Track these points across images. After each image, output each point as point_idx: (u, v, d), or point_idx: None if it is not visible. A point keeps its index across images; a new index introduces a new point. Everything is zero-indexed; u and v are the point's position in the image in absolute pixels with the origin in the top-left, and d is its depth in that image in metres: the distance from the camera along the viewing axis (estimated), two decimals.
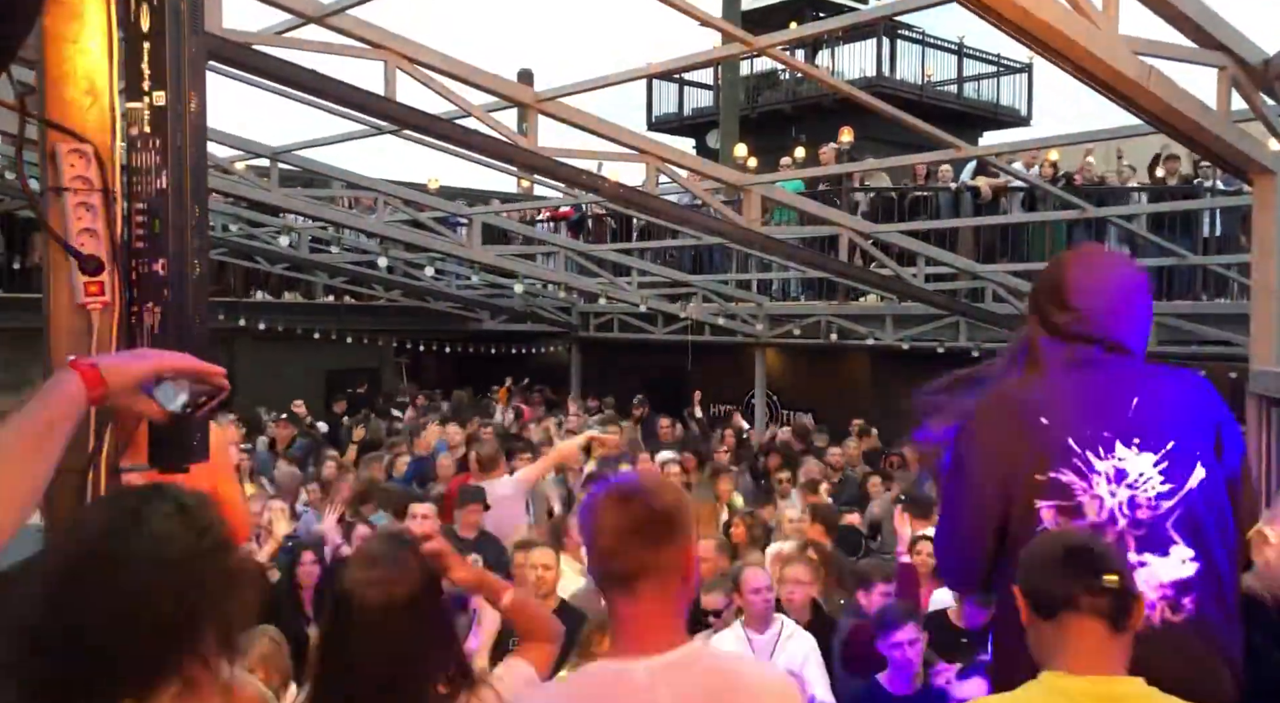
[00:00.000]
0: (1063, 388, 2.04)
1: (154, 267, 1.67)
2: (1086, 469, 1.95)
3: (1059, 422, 1.98)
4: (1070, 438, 1.97)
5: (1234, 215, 10.09)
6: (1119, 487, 1.95)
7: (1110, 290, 2.10)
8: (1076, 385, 2.04)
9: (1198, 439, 2.00)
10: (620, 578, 1.62)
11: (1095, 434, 1.97)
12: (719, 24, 5.87)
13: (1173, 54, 4.16)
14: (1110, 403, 2.01)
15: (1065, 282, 2.10)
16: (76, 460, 1.62)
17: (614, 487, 1.67)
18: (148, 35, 1.66)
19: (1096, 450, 1.96)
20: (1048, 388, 2.06)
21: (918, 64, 18.08)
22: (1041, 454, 1.97)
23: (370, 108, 5.65)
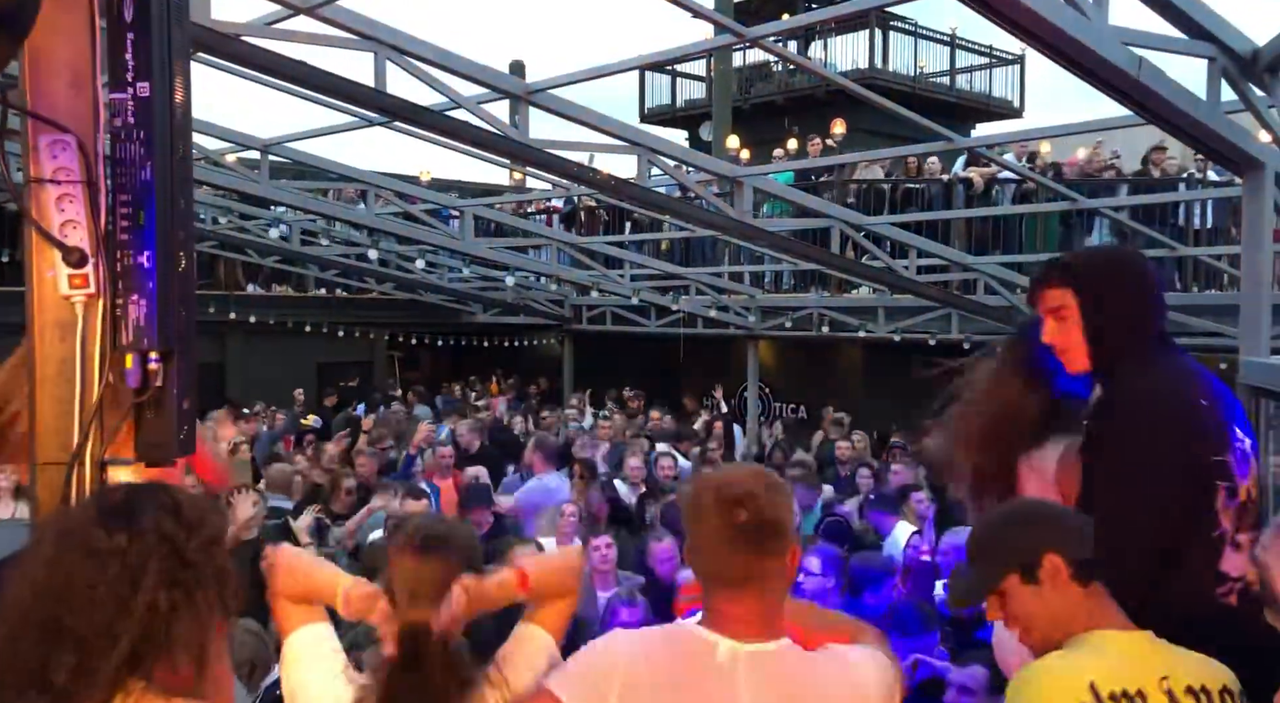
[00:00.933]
0: (1188, 372, 2.05)
1: (139, 259, 1.66)
2: (1234, 452, 1.98)
3: (1212, 403, 1.99)
4: (1222, 418, 1.99)
5: (1224, 206, 10.13)
6: (1245, 467, 1.98)
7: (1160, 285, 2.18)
8: (1193, 370, 2.06)
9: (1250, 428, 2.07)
10: (726, 582, 1.64)
11: (1226, 418, 1.99)
12: (711, 15, 5.85)
13: (1162, 45, 4.16)
14: (1212, 388, 2.03)
15: (1148, 274, 2.15)
16: (62, 454, 1.61)
17: (722, 488, 1.64)
18: (131, 25, 1.65)
19: (1234, 432, 1.99)
20: (1182, 371, 2.05)
21: (910, 56, 18.07)
22: (1211, 435, 1.96)
23: (360, 99, 5.62)
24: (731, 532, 1.60)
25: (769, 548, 1.61)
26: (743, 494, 1.61)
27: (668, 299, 13.01)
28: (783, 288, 13.37)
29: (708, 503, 1.63)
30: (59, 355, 1.63)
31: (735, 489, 1.63)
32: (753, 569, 1.61)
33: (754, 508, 1.59)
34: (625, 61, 6.43)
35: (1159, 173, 10.92)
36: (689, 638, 1.65)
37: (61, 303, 1.64)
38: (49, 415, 1.63)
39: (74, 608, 1.20)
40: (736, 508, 1.60)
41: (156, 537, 1.24)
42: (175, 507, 1.29)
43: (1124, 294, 2.12)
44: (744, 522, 1.59)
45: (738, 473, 1.78)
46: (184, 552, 1.26)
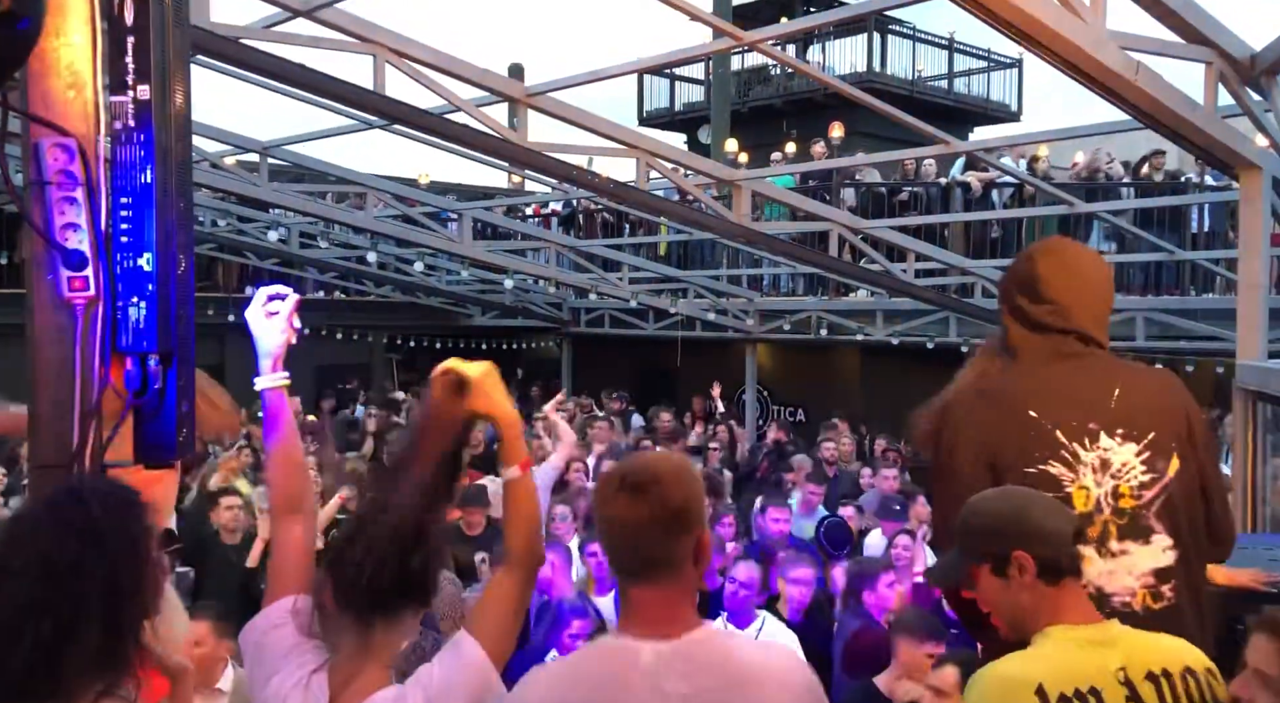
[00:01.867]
0: (1047, 379, 2.06)
1: (138, 261, 1.67)
2: (1074, 460, 1.98)
3: (1047, 413, 2.00)
4: (1059, 430, 1.99)
5: (1221, 210, 10.15)
6: (1104, 477, 1.98)
7: (1084, 283, 2.13)
8: (1060, 376, 2.06)
9: (1173, 430, 2.04)
10: (632, 570, 1.63)
11: (1082, 425, 2.00)
12: (709, 19, 5.86)
13: (1160, 49, 4.17)
14: (1094, 394, 2.03)
15: (1039, 275, 2.12)
16: (60, 456, 1.61)
17: (625, 477, 1.64)
18: (132, 28, 1.65)
19: (1083, 441, 1.99)
20: (1032, 378, 2.08)
21: (908, 59, 18.10)
22: (1030, 446, 1.99)
23: (359, 102, 5.63)
24: (633, 519, 1.60)
25: (672, 532, 1.60)
26: (644, 480, 1.62)
27: (666, 302, 13.01)
28: (781, 291, 13.38)
29: (611, 493, 1.65)
30: (58, 358, 1.64)
31: (637, 476, 1.63)
32: (657, 555, 1.60)
33: (656, 493, 1.60)
34: (624, 65, 6.44)
35: (1158, 177, 10.94)
36: (609, 656, 1.64)
37: (61, 305, 1.64)
38: (47, 418, 1.63)
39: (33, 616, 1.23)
40: (638, 494, 1.60)
41: (54, 557, 1.26)
42: (87, 521, 1.30)
43: (1001, 288, 2.22)
44: (648, 507, 1.59)
45: (645, 458, 1.86)
46: (86, 570, 1.27)
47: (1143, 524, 1.98)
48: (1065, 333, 2.09)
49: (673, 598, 1.63)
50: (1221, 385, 8.37)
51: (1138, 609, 1.93)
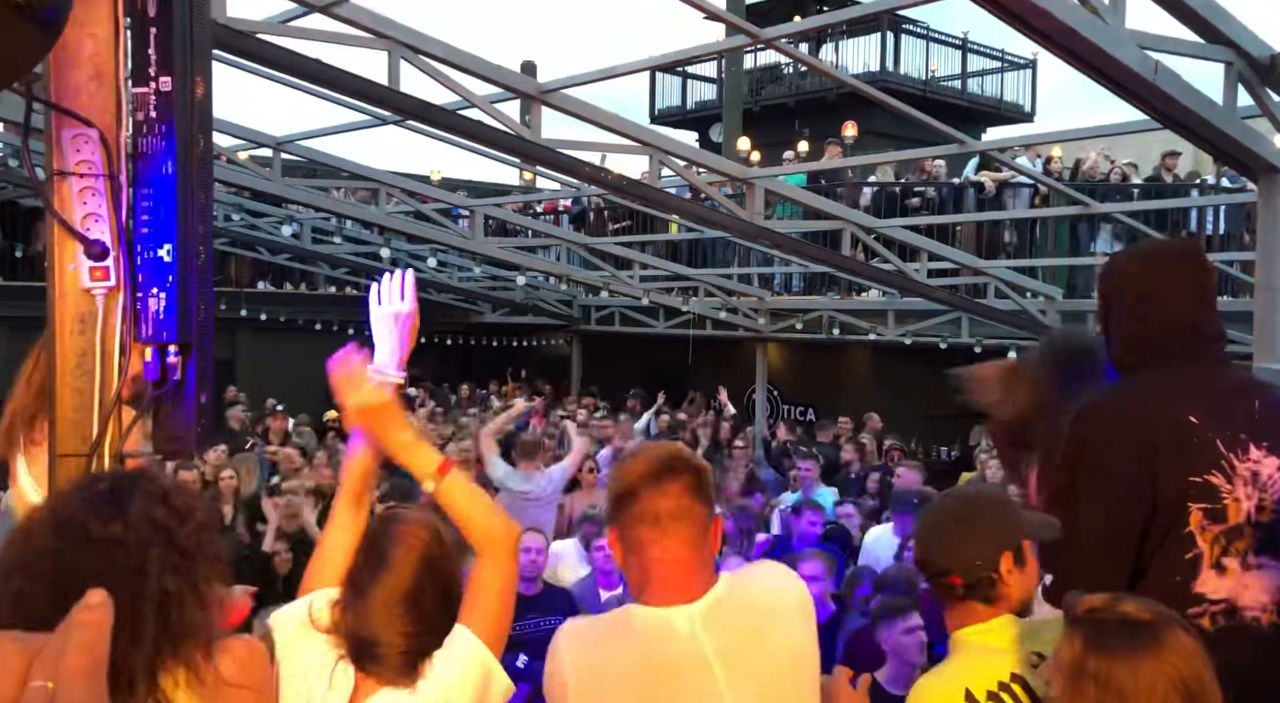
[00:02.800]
0: (1199, 385, 1.99)
1: (159, 252, 1.67)
2: (1230, 471, 1.92)
3: (1207, 420, 1.92)
4: (1218, 438, 1.92)
5: (1237, 213, 10.09)
6: (1254, 490, 1.92)
7: (1203, 286, 2.08)
8: (1210, 384, 2.00)
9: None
10: (650, 517, 1.65)
11: (1235, 435, 1.93)
12: (723, 16, 5.85)
13: (1179, 49, 4.14)
14: (1241, 403, 1.97)
15: (1192, 274, 2.06)
16: (81, 446, 1.62)
17: (642, 444, 1.79)
18: (154, 20, 1.66)
19: (1237, 452, 1.92)
20: (1186, 384, 1.99)
21: (922, 59, 18.05)
22: (1193, 454, 1.91)
23: (374, 97, 5.63)
24: (650, 466, 1.68)
25: (687, 484, 1.67)
26: (660, 445, 1.77)
27: (677, 301, 13.00)
28: (793, 290, 13.36)
29: (629, 452, 1.81)
30: (79, 348, 1.64)
31: (653, 443, 1.79)
32: (672, 505, 1.65)
33: (671, 450, 1.73)
34: (637, 62, 6.43)
35: (1170, 178, 10.89)
36: (645, 625, 1.66)
37: (82, 295, 1.65)
38: (68, 408, 1.64)
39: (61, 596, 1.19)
40: (654, 450, 1.73)
41: (150, 526, 1.23)
42: (163, 494, 1.28)
43: (1123, 302, 2.10)
44: (663, 456, 1.69)
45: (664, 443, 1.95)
46: (178, 540, 1.25)
47: (1278, 540, 1.93)
48: (1206, 336, 2.03)
49: (689, 557, 1.67)
50: None
51: (1265, 624, 1.89)
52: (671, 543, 1.64)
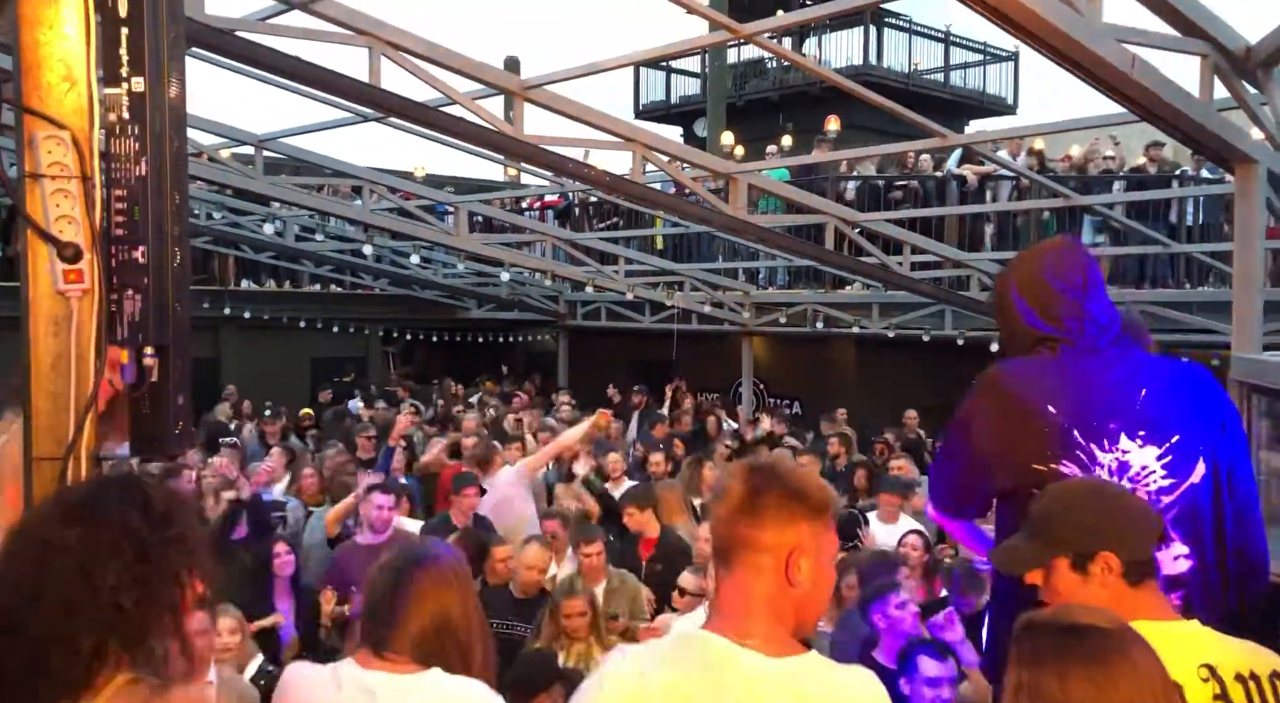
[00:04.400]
0: (1073, 375, 2.01)
1: (134, 254, 1.67)
2: (1089, 462, 1.94)
3: (1067, 412, 1.95)
4: (1077, 430, 1.94)
5: (1216, 203, 10.16)
6: (1120, 480, 1.93)
7: (1100, 275, 2.11)
8: (1086, 373, 2.01)
9: (1202, 435, 1.97)
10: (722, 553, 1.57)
11: (1101, 426, 1.94)
12: (706, 11, 5.85)
13: (1156, 42, 4.17)
14: (1119, 394, 1.97)
15: (1069, 263, 2.09)
16: (56, 449, 1.61)
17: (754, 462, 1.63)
18: (126, 20, 1.65)
19: (1101, 443, 1.94)
20: (1058, 373, 2.02)
21: (904, 52, 18.08)
22: (1046, 445, 1.95)
23: (355, 95, 5.61)
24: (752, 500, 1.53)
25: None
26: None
27: (662, 295, 13.01)
28: (777, 284, 13.38)
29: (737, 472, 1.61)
30: (53, 350, 1.63)
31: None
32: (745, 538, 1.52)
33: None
34: (620, 57, 6.42)
35: (1154, 168, 10.95)
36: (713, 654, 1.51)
37: (56, 298, 1.64)
38: (43, 410, 1.63)
39: (27, 606, 1.18)
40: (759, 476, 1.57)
41: (118, 532, 1.23)
42: (144, 501, 1.28)
43: (1004, 298, 2.18)
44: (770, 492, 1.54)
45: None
46: (147, 547, 1.24)
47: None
48: (1093, 323, 2.05)
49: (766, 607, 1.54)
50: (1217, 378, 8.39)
51: None
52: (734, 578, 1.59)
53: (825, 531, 1.55)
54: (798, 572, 1.50)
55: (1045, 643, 1.42)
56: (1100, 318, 2.05)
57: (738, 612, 1.52)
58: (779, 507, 1.52)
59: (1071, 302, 2.05)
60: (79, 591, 1.19)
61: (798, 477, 1.58)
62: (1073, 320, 2.05)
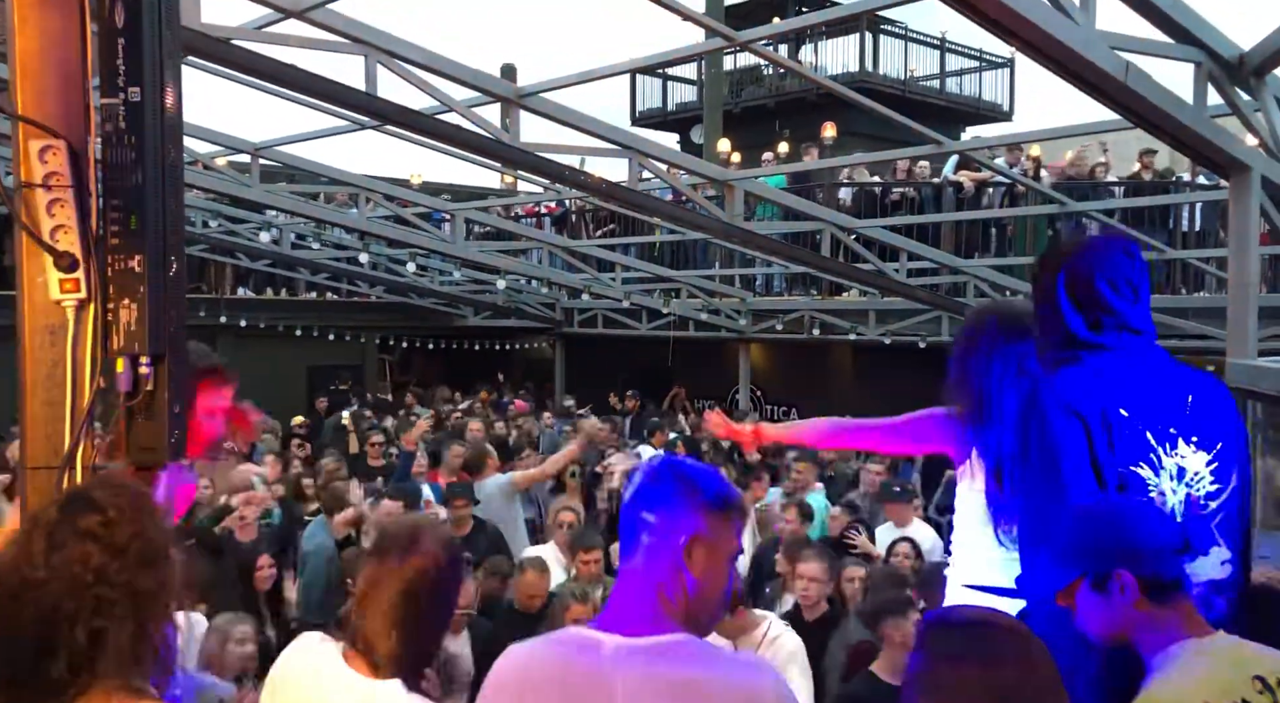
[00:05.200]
0: (1130, 377, 2.01)
1: (130, 263, 1.67)
2: (1158, 465, 1.95)
3: (1137, 413, 1.96)
4: (1148, 431, 1.95)
5: (1212, 210, 10.19)
6: (1179, 484, 1.95)
7: (1133, 279, 2.08)
8: (1142, 376, 2.02)
9: (1236, 444, 2.00)
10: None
11: (1164, 429, 1.96)
12: (702, 19, 5.86)
13: (1150, 50, 4.18)
14: (1172, 397, 1.99)
15: (1092, 270, 2.06)
16: (53, 458, 1.61)
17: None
18: (122, 30, 1.65)
19: (1165, 446, 1.96)
20: (1117, 375, 2.01)
21: (900, 59, 18.14)
22: (1123, 446, 1.95)
23: (351, 103, 5.62)
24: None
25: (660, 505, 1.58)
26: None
27: (659, 302, 13.02)
28: (774, 291, 13.40)
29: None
30: (50, 360, 1.64)
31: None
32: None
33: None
34: (616, 65, 6.44)
35: (1149, 175, 10.98)
36: (569, 643, 1.60)
37: (52, 307, 1.64)
38: (40, 420, 1.63)
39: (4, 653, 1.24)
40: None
41: (77, 568, 1.26)
42: (105, 528, 1.30)
43: (1037, 296, 2.16)
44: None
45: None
46: (111, 577, 1.28)
47: (1205, 535, 1.96)
48: (1136, 331, 2.04)
49: (646, 592, 1.59)
50: None
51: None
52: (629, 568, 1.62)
53: (724, 525, 1.60)
54: (689, 558, 1.55)
55: (945, 636, 1.48)
56: (1140, 324, 2.06)
57: (632, 597, 1.58)
58: (677, 492, 1.59)
59: (1119, 312, 2.04)
60: (44, 633, 1.24)
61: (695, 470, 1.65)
62: (1113, 332, 2.04)
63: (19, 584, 1.26)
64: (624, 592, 1.60)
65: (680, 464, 1.67)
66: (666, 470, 1.63)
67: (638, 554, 1.58)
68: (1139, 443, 1.95)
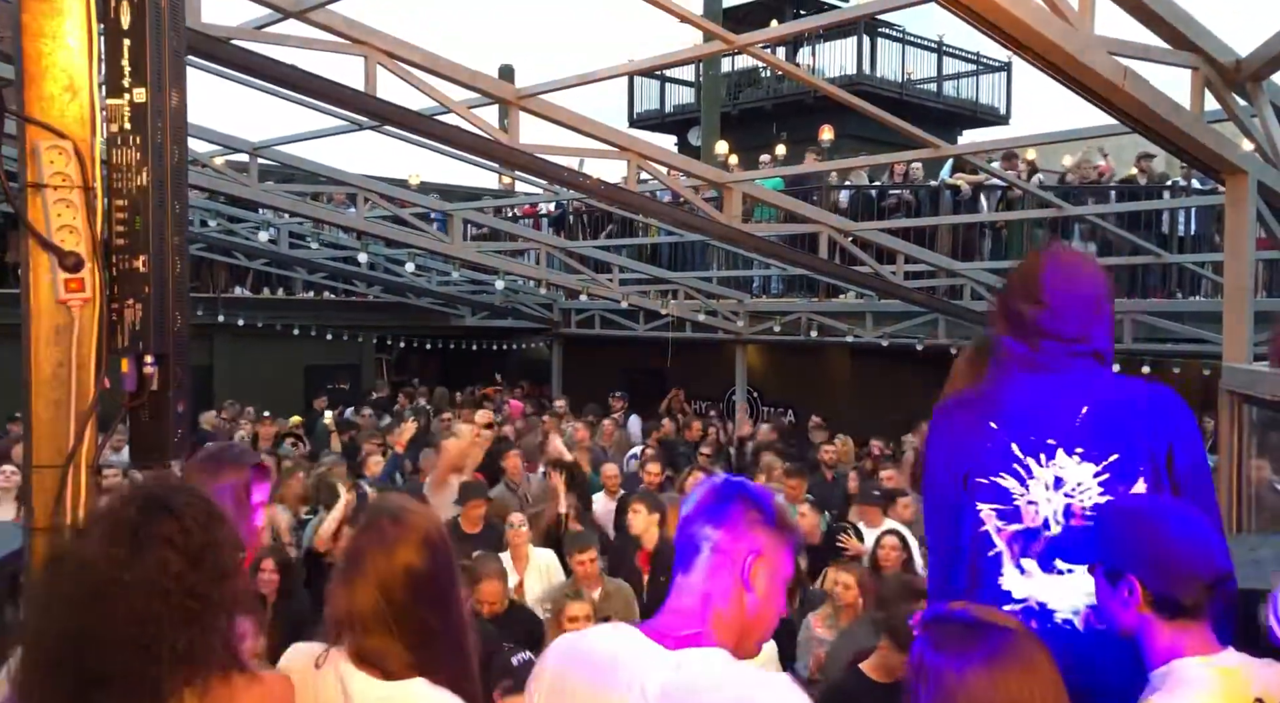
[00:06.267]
0: (1017, 390, 2.05)
1: (134, 263, 1.68)
2: (1026, 475, 1.98)
3: (1006, 425, 2.02)
4: (1014, 443, 2.00)
5: (1207, 214, 10.23)
6: (1055, 494, 1.96)
7: (1082, 289, 2.09)
8: (1031, 389, 2.04)
9: (1145, 453, 1.96)
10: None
11: (1040, 440, 1.98)
12: (700, 22, 5.87)
13: (1147, 55, 4.20)
14: (1059, 410, 2.00)
15: (1038, 276, 2.08)
16: (57, 457, 1.62)
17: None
18: (128, 32, 1.66)
19: (1038, 457, 1.98)
20: (1004, 389, 2.07)
21: (898, 62, 18.17)
22: (987, 458, 2.01)
23: (350, 103, 5.63)
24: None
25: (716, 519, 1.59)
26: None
27: (656, 303, 13.04)
28: (771, 293, 13.42)
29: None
30: (54, 359, 1.64)
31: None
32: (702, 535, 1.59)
33: None
34: (614, 67, 6.45)
35: (1144, 179, 11.01)
36: (617, 641, 1.58)
37: (57, 307, 1.65)
38: (44, 419, 1.64)
39: (100, 651, 1.24)
40: None
41: (162, 575, 1.28)
42: (183, 536, 1.31)
43: (996, 305, 2.19)
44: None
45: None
46: (193, 588, 1.29)
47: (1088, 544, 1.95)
48: (1056, 338, 2.04)
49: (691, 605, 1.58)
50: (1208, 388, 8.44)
51: (1080, 629, 1.92)
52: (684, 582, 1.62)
53: (783, 548, 1.61)
54: (753, 577, 1.56)
55: (949, 635, 1.48)
56: (1069, 333, 2.05)
57: (686, 609, 1.57)
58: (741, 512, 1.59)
59: (1051, 323, 2.05)
60: (142, 634, 1.25)
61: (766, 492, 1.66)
62: (1048, 340, 2.05)
63: (107, 583, 1.26)
64: (679, 602, 1.58)
65: (744, 485, 1.66)
66: (731, 489, 1.63)
67: (696, 568, 1.57)
68: (1002, 454, 2.00)
